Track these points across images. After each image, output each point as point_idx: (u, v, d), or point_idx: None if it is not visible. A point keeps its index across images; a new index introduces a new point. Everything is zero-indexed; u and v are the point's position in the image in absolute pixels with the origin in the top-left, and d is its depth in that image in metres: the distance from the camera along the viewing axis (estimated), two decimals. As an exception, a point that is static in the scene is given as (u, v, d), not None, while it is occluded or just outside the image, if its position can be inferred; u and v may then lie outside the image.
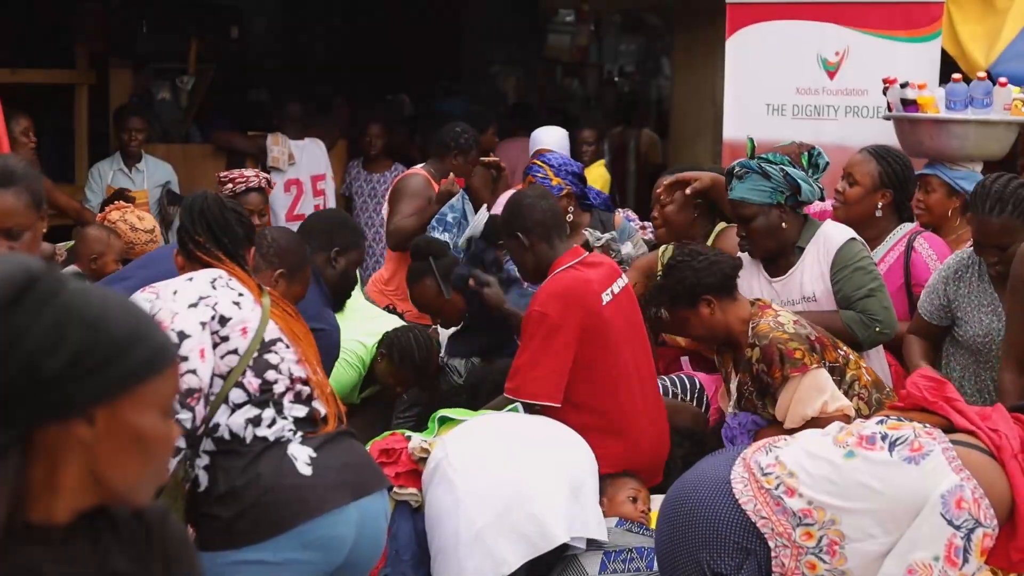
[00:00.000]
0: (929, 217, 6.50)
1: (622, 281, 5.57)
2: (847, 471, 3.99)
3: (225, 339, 4.18)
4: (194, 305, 4.16)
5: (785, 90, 7.70)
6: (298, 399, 4.27)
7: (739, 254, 5.76)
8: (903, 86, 6.86)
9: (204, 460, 4.17)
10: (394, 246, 7.61)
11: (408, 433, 5.14)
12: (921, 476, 3.89)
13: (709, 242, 6.17)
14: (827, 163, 5.76)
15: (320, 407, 4.32)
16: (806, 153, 5.76)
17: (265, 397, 4.20)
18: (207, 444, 4.16)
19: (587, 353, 5.29)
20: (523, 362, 5.26)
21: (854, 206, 6.10)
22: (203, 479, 4.16)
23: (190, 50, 11.71)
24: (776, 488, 4.07)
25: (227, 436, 4.15)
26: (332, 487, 4.18)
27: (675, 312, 5.29)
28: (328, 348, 5.20)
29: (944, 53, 7.68)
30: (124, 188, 9.25)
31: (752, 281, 5.79)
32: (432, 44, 14.46)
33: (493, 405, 5.35)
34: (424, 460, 4.94)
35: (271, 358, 4.24)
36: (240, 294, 4.26)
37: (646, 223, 7.63)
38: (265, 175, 7.84)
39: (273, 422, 4.18)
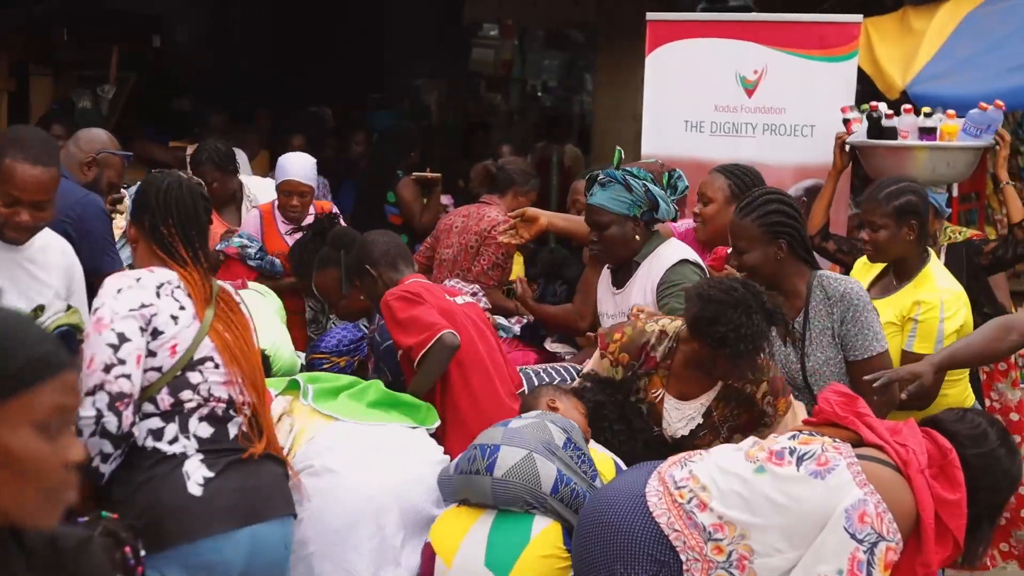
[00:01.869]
0: None
1: (468, 298, 5.81)
2: (756, 486, 4.03)
3: (152, 354, 4.14)
4: (133, 310, 4.11)
5: (703, 107, 7.75)
6: (209, 418, 4.23)
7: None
8: (928, 115, 6.92)
9: None
10: None
11: (276, 394, 4.99)
12: (826, 491, 3.94)
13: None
14: (686, 187, 5.95)
15: (234, 428, 4.27)
16: (667, 174, 5.94)
17: (173, 412, 4.17)
18: None
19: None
20: (401, 333, 5.31)
21: (711, 223, 6.18)
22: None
23: (111, 58, 11.63)
24: (688, 502, 4.10)
25: (130, 438, 4.11)
26: (220, 511, 4.12)
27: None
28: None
29: (861, 73, 7.77)
30: None
31: (605, 293, 5.95)
32: (355, 56, 14.45)
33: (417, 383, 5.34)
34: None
35: (192, 377, 4.20)
36: (181, 307, 4.21)
37: None
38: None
39: (175, 439, 4.15)
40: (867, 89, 7.75)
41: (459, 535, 4.53)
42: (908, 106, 7.06)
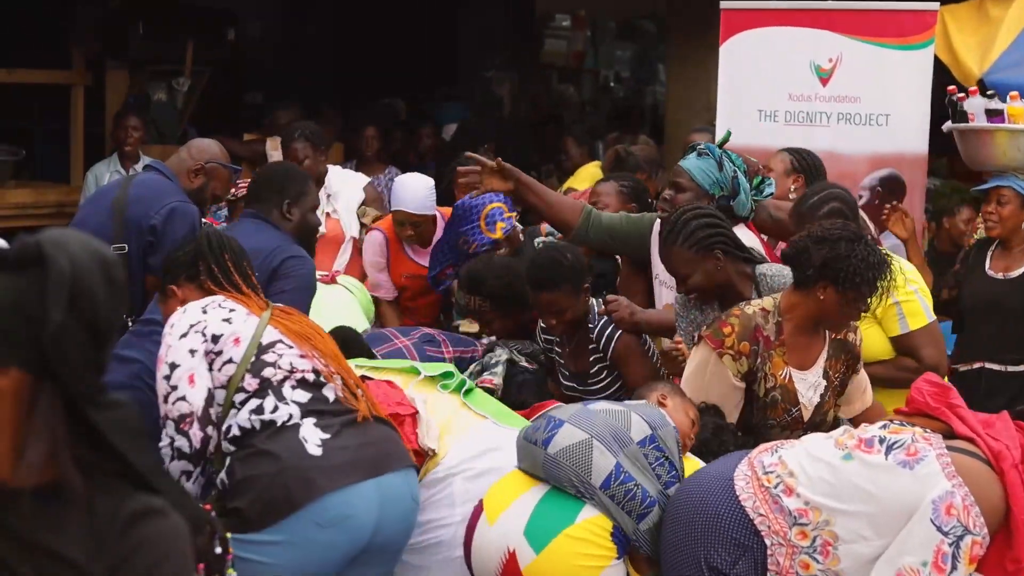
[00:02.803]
0: (1002, 229, 6.55)
1: None
2: (843, 473, 4.02)
3: (219, 353, 4.34)
4: (184, 335, 4.36)
5: (778, 96, 7.69)
6: (302, 384, 4.36)
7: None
8: (990, 96, 6.85)
9: (226, 463, 4.30)
10: None
11: (416, 398, 4.93)
12: (914, 481, 3.91)
13: None
14: (771, 193, 5.95)
15: (331, 392, 4.39)
16: (760, 177, 5.95)
17: (263, 387, 4.31)
18: (226, 446, 4.31)
19: None
20: None
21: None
22: (225, 479, 4.28)
23: (186, 52, 11.71)
24: (775, 487, 4.10)
25: (238, 433, 4.27)
26: (342, 466, 4.25)
27: None
28: (304, 276, 5.49)
29: (937, 61, 7.69)
30: None
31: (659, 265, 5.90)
32: (428, 49, 14.48)
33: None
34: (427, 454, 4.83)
35: (268, 358, 4.37)
36: (231, 310, 4.45)
37: None
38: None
39: (276, 408, 4.29)
40: (943, 78, 7.66)
41: (510, 498, 4.48)
42: (974, 88, 6.98)
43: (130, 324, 5.62)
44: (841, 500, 4.00)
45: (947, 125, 7.08)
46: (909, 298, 5.53)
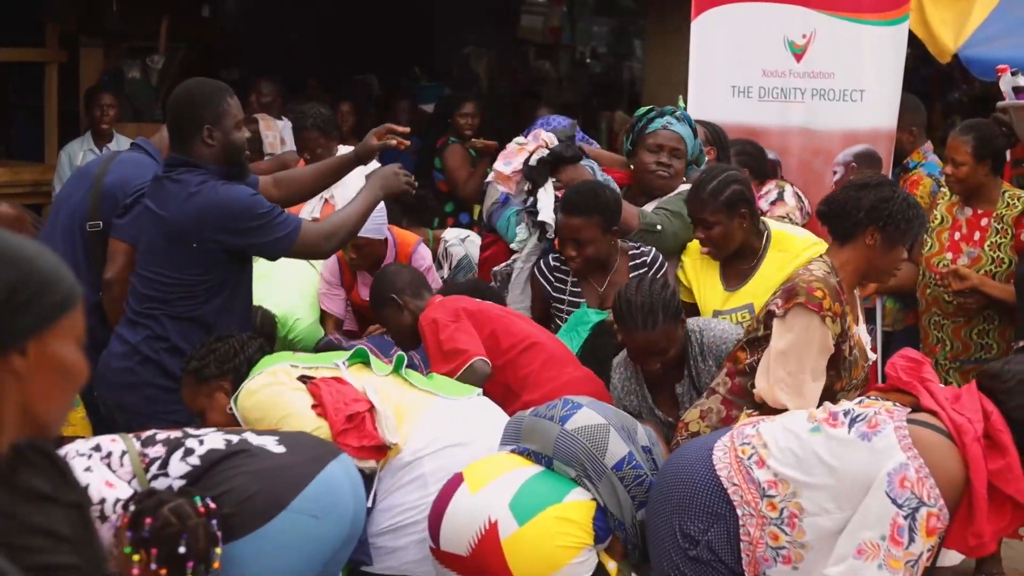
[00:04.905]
0: None
1: None
2: (809, 445, 4.06)
3: (109, 454, 4.27)
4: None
5: (751, 72, 7.66)
6: (196, 426, 4.48)
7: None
8: (1014, 74, 6.84)
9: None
10: None
11: (367, 388, 4.89)
12: (871, 454, 3.94)
13: None
14: (706, 161, 6.15)
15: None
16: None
17: (170, 445, 4.29)
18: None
19: (484, 330, 5.44)
20: (447, 349, 5.33)
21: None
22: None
23: (161, 29, 11.66)
24: (749, 458, 4.15)
25: (182, 482, 4.22)
26: (309, 457, 4.33)
27: None
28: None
29: (912, 36, 7.67)
30: None
31: None
32: (405, 25, 14.43)
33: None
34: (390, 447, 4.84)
35: (147, 433, 4.37)
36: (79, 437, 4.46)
37: None
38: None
39: (202, 442, 4.30)
40: (918, 53, 7.65)
41: (496, 473, 4.57)
42: (1003, 65, 6.94)
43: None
44: (806, 472, 4.04)
45: (999, 103, 7.05)
46: None
